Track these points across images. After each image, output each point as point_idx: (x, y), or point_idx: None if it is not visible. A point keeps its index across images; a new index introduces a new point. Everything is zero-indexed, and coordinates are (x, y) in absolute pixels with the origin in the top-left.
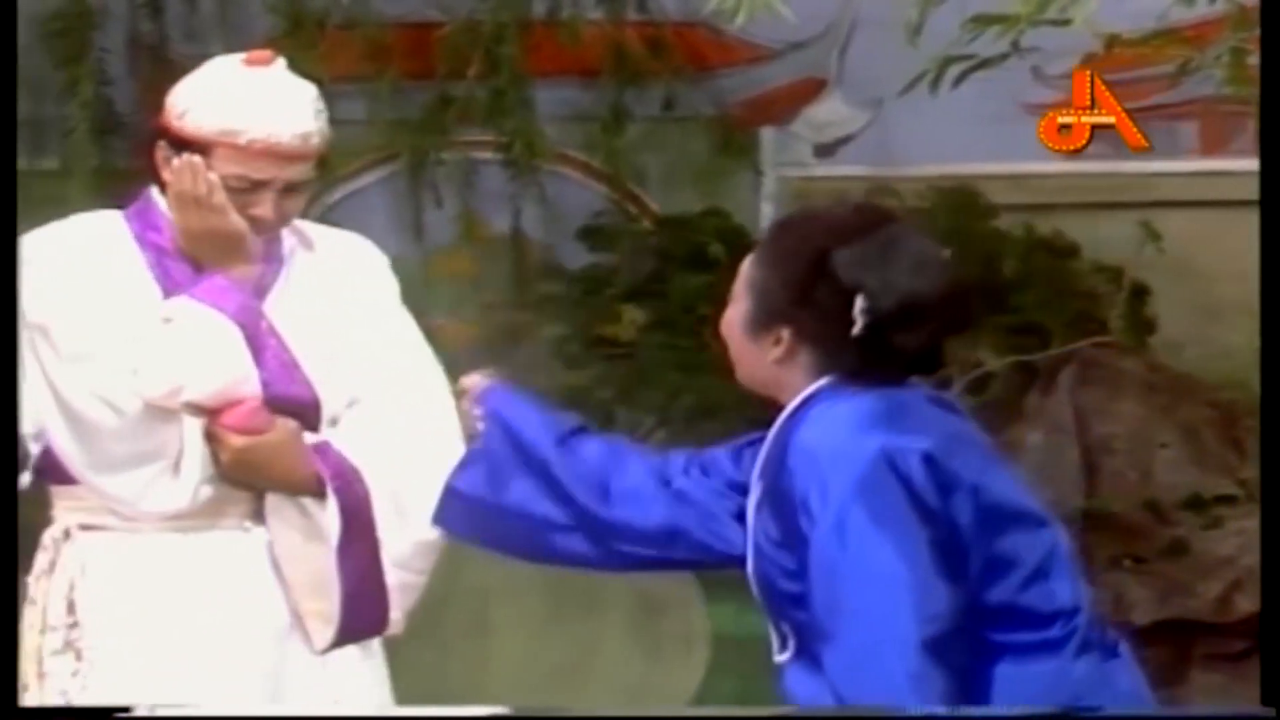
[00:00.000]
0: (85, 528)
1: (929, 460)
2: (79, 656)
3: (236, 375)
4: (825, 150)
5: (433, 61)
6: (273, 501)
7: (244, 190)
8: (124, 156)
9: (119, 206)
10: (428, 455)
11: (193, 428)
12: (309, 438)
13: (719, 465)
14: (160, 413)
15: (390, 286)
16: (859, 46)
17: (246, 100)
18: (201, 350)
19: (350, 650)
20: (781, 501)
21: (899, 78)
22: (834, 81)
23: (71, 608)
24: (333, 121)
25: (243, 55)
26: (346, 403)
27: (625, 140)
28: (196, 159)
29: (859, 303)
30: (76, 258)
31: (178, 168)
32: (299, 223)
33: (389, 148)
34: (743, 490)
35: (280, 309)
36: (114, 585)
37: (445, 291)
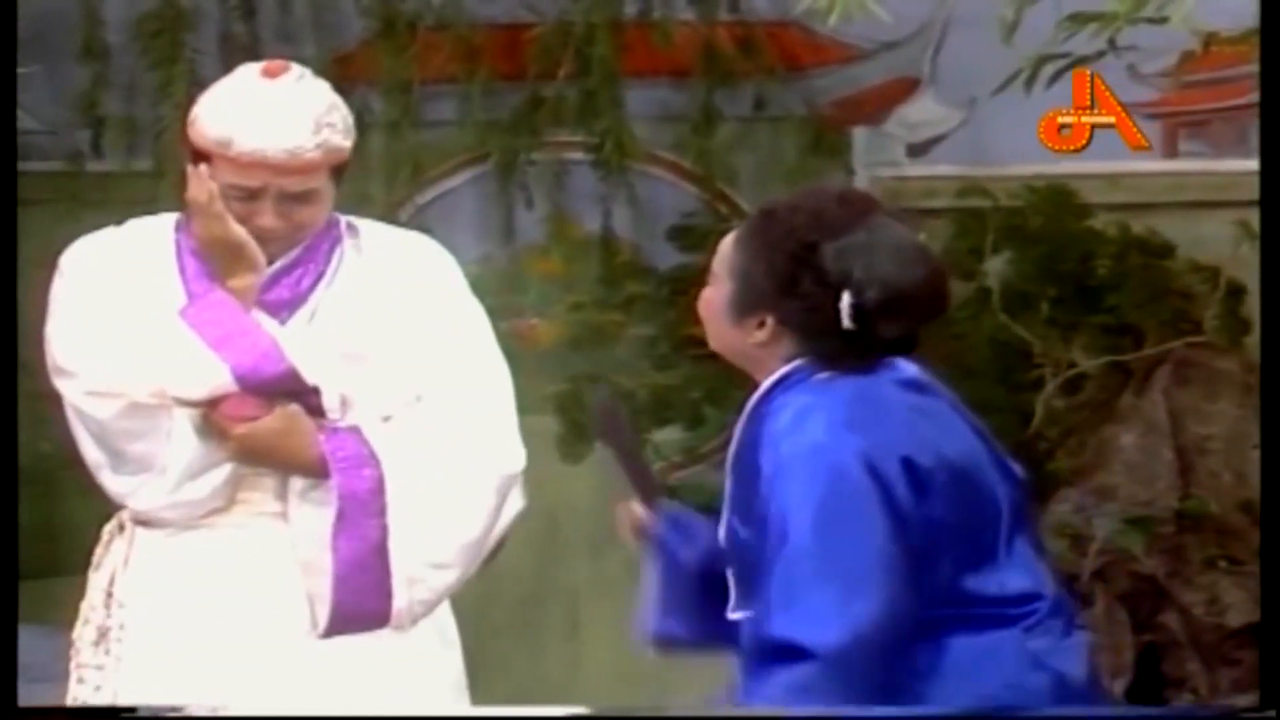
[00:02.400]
0: (139, 522)
1: (907, 463)
2: (108, 651)
3: (206, 373)
4: (918, 150)
5: (524, 62)
6: (296, 485)
7: (243, 199)
8: None
9: None
10: (477, 454)
11: (181, 430)
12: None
13: None
14: (144, 415)
15: (453, 285)
16: (953, 46)
17: (242, 112)
18: (165, 353)
19: (426, 647)
20: (750, 483)
21: (993, 77)
22: (927, 81)
23: (108, 601)
24: (424, 123)
25: (261, 64)
26: (406, 399)
27: (716, 140)
28: (202, 167)
29: (846, 296)
30: (102, 266)
31: (189, 175)
32: (359, 223)
33: (480, 148)
34: None
35: (325, 309)
36: (150, 581)
37: (535, 291)
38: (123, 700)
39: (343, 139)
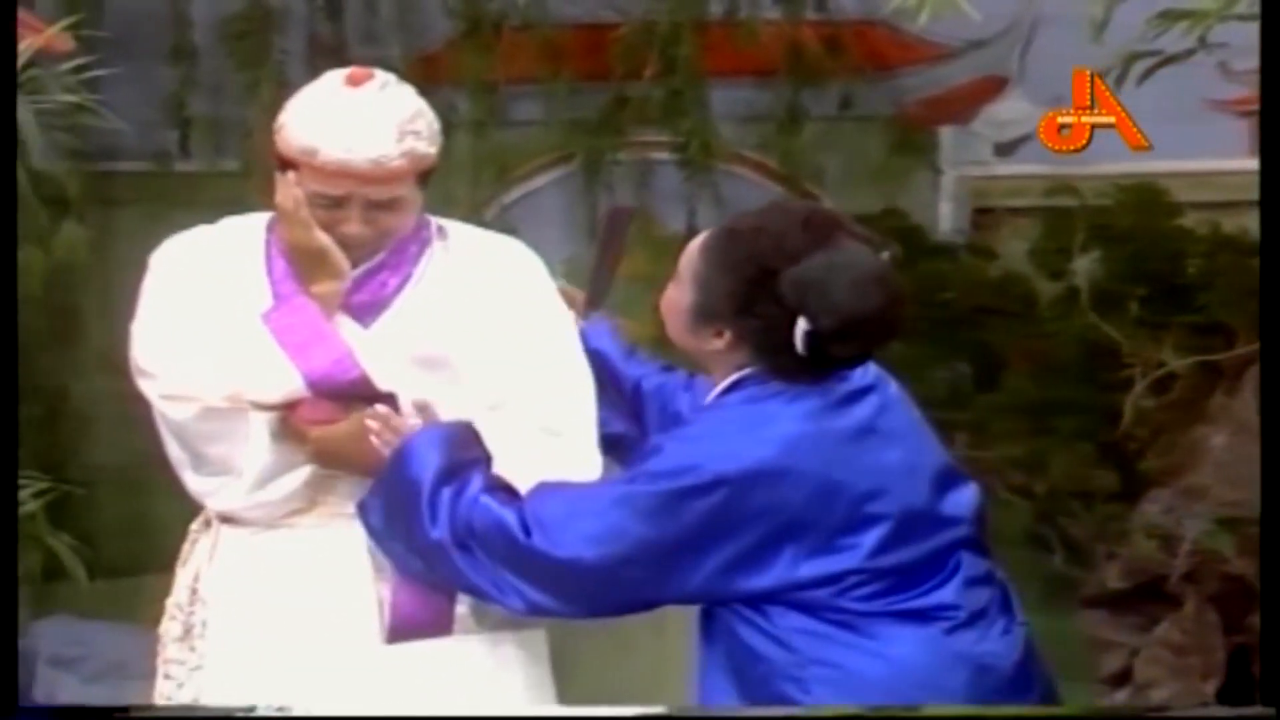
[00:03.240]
0: (225, 520)
1: (810, 485)
2: (193, 648)
3: (280, 378)
4: (1006, 149)
5: (609, 62)
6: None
7: (329, 207)
8: None
9: None
10: (552, 461)
11: (257, 433)
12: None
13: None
14: (222, 418)
15: (538, 289)
16: (1041, 44)
17: (326, 121)
18: (241, 357)
19: (502, 650)
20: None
21: None
22: (1015, 79)
23: (193, 597)
24: (509, 122)
25: (345, 72)
26: (489, 402)
27: (802, 140)
28: (289, 174)
29: (800, 324)
30: (190, 266)
31: (277, 181)
32: (449, 225)
33: (565, 148)
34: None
35: (411, 311)
36: (232, 579)
37: (619, 291)
38: (204, 699)
39: (428, 146)
